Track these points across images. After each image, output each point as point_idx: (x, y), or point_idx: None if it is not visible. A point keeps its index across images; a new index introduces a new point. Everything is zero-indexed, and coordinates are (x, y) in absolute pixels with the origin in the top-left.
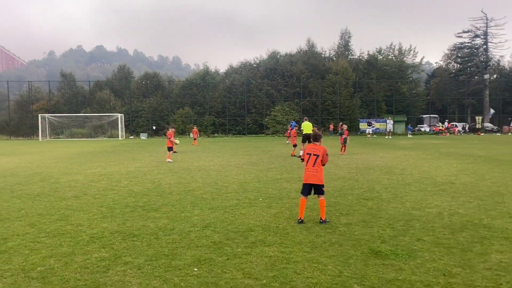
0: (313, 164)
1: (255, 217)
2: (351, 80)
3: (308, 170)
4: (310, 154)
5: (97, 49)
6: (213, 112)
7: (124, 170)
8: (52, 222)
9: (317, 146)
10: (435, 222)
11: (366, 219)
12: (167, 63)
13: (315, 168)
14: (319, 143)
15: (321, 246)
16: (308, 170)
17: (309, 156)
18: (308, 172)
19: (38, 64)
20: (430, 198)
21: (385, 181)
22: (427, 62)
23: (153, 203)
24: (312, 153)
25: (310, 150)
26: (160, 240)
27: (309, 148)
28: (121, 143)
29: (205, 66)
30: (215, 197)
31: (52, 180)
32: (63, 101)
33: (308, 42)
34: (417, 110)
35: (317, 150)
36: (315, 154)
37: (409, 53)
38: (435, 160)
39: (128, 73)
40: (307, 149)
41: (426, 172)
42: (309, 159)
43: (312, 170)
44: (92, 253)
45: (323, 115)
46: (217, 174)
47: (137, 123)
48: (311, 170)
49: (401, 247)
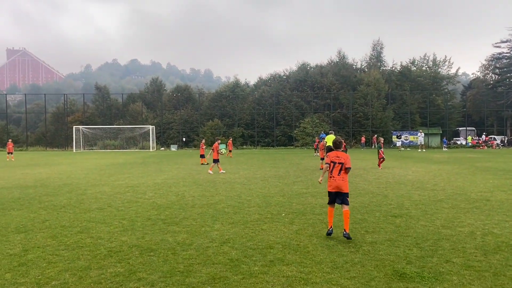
0: (338, 172)
1: (276, 233)
2: (384, 92)
3: (334, 178)
4: (334, 162)
5: (132, 63)
6: (242, 124)
7: (150, 182)
8: (73, 235)
9: (341, 153)
10: (467, 242)
11: (392, 237)
12: (199, 76)
13: (341, 176)
14: (341, 149)
15: (342, 267)
16: (333, 178)
17: (333, 165)
18: (334, 180)
19: (75, 77)
20: (462, 216)
21: (416, 197)
22: (464, 73)
23: (175, 217)
24: (337, 162)
25: (334, 159)
26: (177, 255)
27: (333, 156)
28: (152, 154)
29: (235, 78)
30: (237, 211)
31: (79, 191)
32: (97, 113)
33: (339, 54)
34: (452, 123)
35: (341, 158)
36: (340, 162)
37: (444, 64)
38: (470, 175)
39: (160, 86)
40: (331, 157)
41: (460, 188)
42: (334, 167)
43: (338, 178)
44: (108, 268)
45: (355, 127)
46: (242, 187)
47: (168, 135)
48: (337, 178)
49: (428, 269)
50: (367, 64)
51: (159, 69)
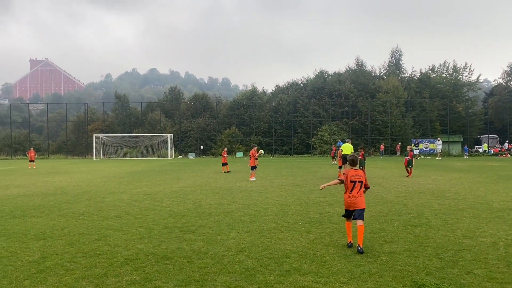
0: (358, 191)
1: (292, 242)
2: (403, 99)
3: (353, 196)
4: (354, 182)
5: (151, 72)
6: (260, 132)
7: (168, 190)
8: (91, 242)
9: (358, 172)
10: (489, 253)
11: (411, 247)
12: (217, 84)
13: (359, 194)
14: (357, 166)
15: (359, 277)
16: (352, 197)
17: (353, 184)
18: (354, 198)
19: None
20: (484, 226)
21: (436, 206)
22: (485, 80)
23: (191, 225)
24: (357, 181)
25: (354, 178)
26: (192, 264)
27: (352, 175)
28: (170, 162)
29: (253, 86)
30: (254, 219)
31: (98, 199)
32: (117, 122)
33: (357, 61)
34: (474, 130)
35: (359, 176)
36: (360, 181)
37: (464, 70)
38: (492, 184)
39: (178, 95)
40: (351, 176)
41: (482, 197)
42: (354, 186)
43: (357, 196)
44: (124, 276)
45: (373, 135)
46: (259, 195)
47: (186, 143)
48: (356, 196)
49: (448, 280)
50: (386, 71)
51: (177, 78)
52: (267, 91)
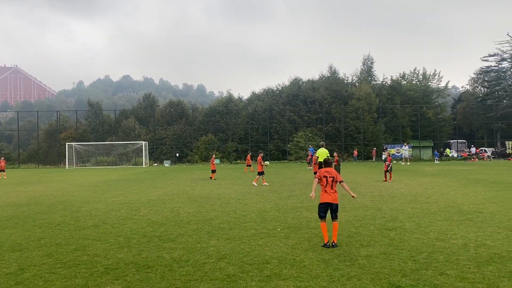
0: (331, 186)
1: (272, 248)
2: (375, 106)
3: (327, 192)
4: (326, 177)
5: (124, 79)
6: (236, 139)
7: (144, 199)
8: (69, 253)
9: (330, 169)
10: (460, 254)
11: (387, 251)
12: (192, 91)
13: (333, 189)
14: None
15: (338, 280)
16: (326, 192)
17: (326, 179)
18: (327, 194)
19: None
20: (455, 229)
21: (409, 210)
22: (454, 87)
23: (170, 233)
24: (328, 176)
25: (325, 174)
26: (174, 272)
27: (324, 171)
28: (145, 170)
29: (229, 93)
30: (233, 226)
31: (74, 208)
32: (90, 130)
33: (330, 69)
34: (443, 135)
35: (330, 172)
36: (331, 177)
37: (433, 77)
38: (462, 188)
39: (153, 102)
40: (322, 172)
41: (452, 201)
42: (327, 181)
43: (331, 191)
44: (105, 285)
45: (347, 140)
46: (237, 202)
47: (161, 150)
48: (329, 191)
49: (422, 281)
50: (358, 78)
51: (151, 85)
52: (243, 98)
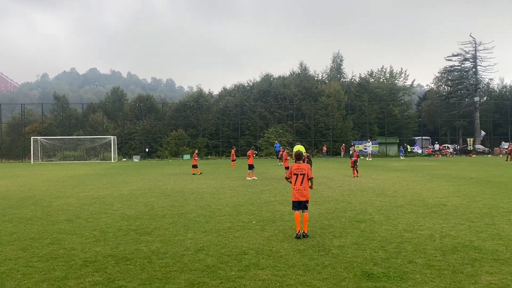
0: (300, 183)
1: (249, 240)
2: (344, 103)
3: (297, 189)
4: (297, 174)
5: (91, 72)
6: (207, 134)
7: (116, 193)
8: (44, 246)
9: (301, 165)
10: (427, 244)
11: (359, 241)
12: (161, 85)
13: (303, 187)
14: (302, 161)
15: (314, 269)
16: (297, 190)
17: (296, 176)
18: (298, 191)
19: (31, 87)
20: (422, 220)
21: (378, 203)
22: (419, 85)
23: (146, 227)
24: (299, 173)
25: (296, 171)
26: (153, 264)
27: (295, 168)
28: (114, 165)
29: (199, 88)
30: (209, 220)
31: (44, 203)
32: (56, 124)
33: (300, 66)
34: (409, 132)
35: (302, 169)
36: (302, 174)
37: (400, 76)
38: (427, 182)
39: (121, 96)
40: (293, 169)
41: (418, 194)
42: (297, 179)
43: (301, 189)
44: (86, 277)
45: (316, 137)
46: (211, 196)
47: (130, 146)
48: (299, 189)
49: (393, 269)
50: (328, 75)
51: (119, 78)
52: (213, 93)
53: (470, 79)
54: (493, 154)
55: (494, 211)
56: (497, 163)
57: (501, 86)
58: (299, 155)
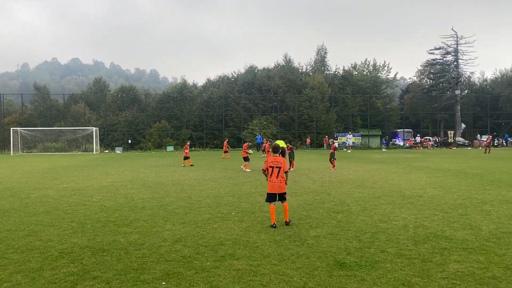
0: (276, 175)
1: (227, 231)
2: (327, 95)
3: (273, 181)
4: (273, 167)
5: (73, 62)
6: (191, 126)
7: (97, 185)
8: (21, 238)
9: (277, 158)
10: (400, 234)
11: (334, 231)
12: (145, 76)
13: (279, 179)
14: (279, 154)
15: (288, 259)
16: (272, 182)
17: (272, 169)
18: (273, 183)
19: (10, 76)
20: (397, 211)
21: (356, 195)
22: (402, 78)
23: (125, 218)
24: (275, 166)
25: (272, 163)
26: (130, 254)
27: (271, 161)
28: (96, 157)
29: (183, 79)
30: (188, 211)
31: (22, 195)
32: (37, 115)
33: (285, 58)
34: (391, 124)
35: (277, 162)
36: (277, 167)
37: (383, 68)
38: (406, 174)
39: (103, 86)
40: (269, 162)
41: (396, 186)
42: (273, 171)
43: (276, 181)
44: (61, 268)
45: (300, 129)
46: (192, 188)
47: (112, 137)
48: (275, 181)
49: (365, 258)
50: (312, 68)
51: (102, 69)
52: (197, 85)
53: (451, 72)
54: (473, 146)
55: (468, 202)
56: (476, 155)
57: (482, 80)
58: (275, 148)
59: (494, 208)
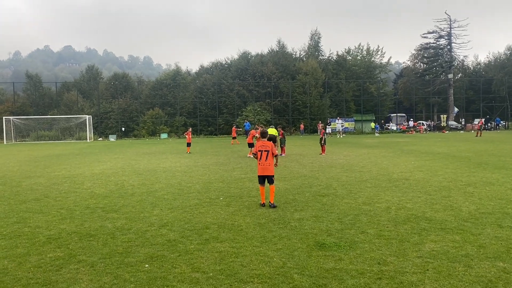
0: (265, 158)
1: (213, 215)
2: (321, 81)
3: (262, 164)
4: (261, 150)
5: (65, 49)
6: (184, 113)
7: (88, 173)
8: (9, 225)
9: (266, 142)
10: (382, 216)
11: (318, 214)
12: (138, 63)
13: (268, 162)
14: (267, 139)
15: (270, 241)
16: (261, 165)
17: (261, 153)
18: (262, 166)
19: (2, 65)
20: (382, 194)
21: (344, 178)
22: (396, 62)
23: (114, 205)
24: (263, 150)
25: (261, 147)
26: (116, 239)
27: (260, 145)
28: (89, 145)
29: (176, 66)
30: (177, 197)
31: (13, 183)
32: (29, 103)
33: (278, 43)
34: (385, 109)
35: (266, 146)
36: (266, 150)
37: (377, 53)
38: (395, 158)
39: (96, 74)
40: (258, 146)
41: (384, 169)
42: (262, 155)
43: (265, 164)
44: (47, 253)
45: (294, 115)
46: (183, 174)
47: (106, 125)
48: (264, 164)
49: (344, 239)
50: (306, 53)
51: (95, 56)
52: (191, 71)
53: (445, 56)
54: (465, 130)
55: (452, 185)
56: (467, 138)
57: (475, 64)
58: (263, 133)
59: (477, 189)
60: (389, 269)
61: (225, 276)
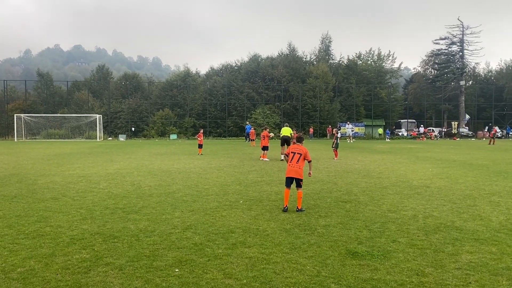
0: (297, 161)
1: (236, 219)
2: (331, 85)
3: (292, 166)
4: (294, 152)
5: (75, 49)
6: (194, 114)
7: (103, 172)
8: (31, 224)
9: (300, 146)
10: (410, 224)
11: (344, 221)
12: (147, 64)
13: (298, 165)
14: (302, 144)
15: (300, 247)
16: (292, 166)
17: (293, 154)
18: (292, 167)
19: (13, 63)
20: (405, 201)
21: (363, 184)
22: (406, 68)
23: (133, 205)
24: (296, 152)
25: (294, 149)
26: (141, 241)
27: (293, 147)
28: (99, 144)
29: (186, 67)
30: (196, 199)
31: (29, 181)
32: (40, 101)
33: (289, 46)
34: (395, 115)
35: (300, 149)
36: (299, 153)
37: (387, 58)
38: (411, 164)
39: (107, 74)
40: (292, 148)
41: (403, 176)
42: (294, 156)
43: (296, 166)
44: (73, 254)
45: (303, 118)
46: (198, 176)
47: (115, 124)
48: (294, 166)
49: (377, 248)
50: (316, 57)
51: (104, 56)
52: (200, 73)
53: (456, 63)
54: (476, 137)
55: (476, 193)
56: (480, 146)
57: (487, 71)
58: (299, 138)
59: (503, 199)
60: (429, 281)
61: (260, 284)
